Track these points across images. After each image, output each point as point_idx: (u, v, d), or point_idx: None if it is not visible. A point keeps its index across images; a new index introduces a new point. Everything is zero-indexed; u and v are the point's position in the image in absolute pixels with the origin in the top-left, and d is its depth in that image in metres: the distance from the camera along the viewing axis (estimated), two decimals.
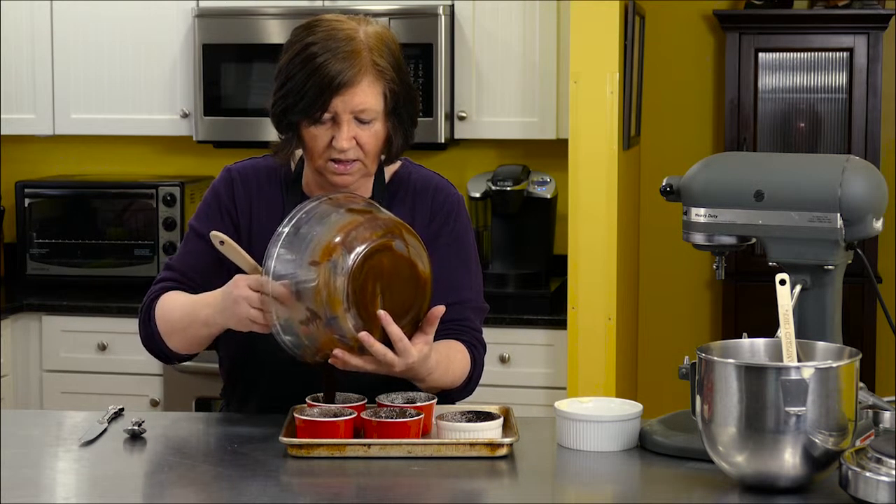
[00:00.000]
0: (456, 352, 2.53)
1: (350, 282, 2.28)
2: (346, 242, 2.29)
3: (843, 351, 2.12)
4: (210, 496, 2.11)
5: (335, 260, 2.28)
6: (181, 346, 2.55)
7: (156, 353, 2.59)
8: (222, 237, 2.40)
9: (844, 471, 1.96)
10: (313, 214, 2.34)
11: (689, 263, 5.06)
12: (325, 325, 2.28)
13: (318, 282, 2.27)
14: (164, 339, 2.55)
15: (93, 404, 4.16)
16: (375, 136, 2.47)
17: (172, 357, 2.58)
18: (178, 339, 2.54)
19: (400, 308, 2.34)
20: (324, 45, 2.43)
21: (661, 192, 2.38)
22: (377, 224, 2.33)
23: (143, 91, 4.73)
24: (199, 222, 2.61)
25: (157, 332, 2.55)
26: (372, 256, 2.30)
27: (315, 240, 2.30)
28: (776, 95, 4.85)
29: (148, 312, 2.56)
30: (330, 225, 2.31)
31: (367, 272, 2.29)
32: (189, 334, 2.51)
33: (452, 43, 4.51)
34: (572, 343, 4.13)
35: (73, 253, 4.74)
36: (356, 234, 2.30)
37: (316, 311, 2.28)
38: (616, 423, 2.30)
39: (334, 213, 2.33)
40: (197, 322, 2.48)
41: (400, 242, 2.34)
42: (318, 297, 2.27)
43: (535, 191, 4.55)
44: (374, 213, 2.36)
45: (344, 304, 2.28)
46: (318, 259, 2.27)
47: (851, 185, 2.25)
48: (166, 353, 2.58)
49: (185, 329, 2.51)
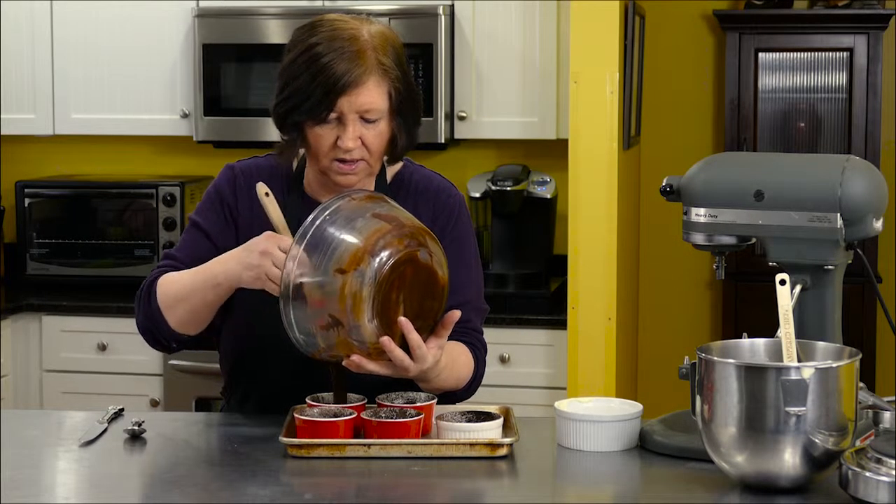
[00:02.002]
0: (460, 353, 2.54)
1: (376, 292, 2.27)
2: (374, 251, 2.27)
3: (843, 351, 2.12)
4: (210, 496, 2.10)
5: (362, 269, 2.26)
6: (182, 319, 2.49)
7: (152, 335, 2.54)
8: (267, 189, 2.38)
9: (844, 471, 1.96)
10: (338, 217, 2.31)
11: (689, 263, 5.06)
12: (346, 331, 2.28)
13: (344, 290, 2.26)
14: (163, 315, 2.49)
15: (93, 404, 4.16)
16: (380, 135, 2.47)
17: (170, 338, 2.52)
18: (179, 310, 2.48)
19: (418, 314, 2.34)
20: (328, 45, 2.42)
21: (661, 192, 2.38)
22: (403, 231, 2.32)
23: (143, 91, 4.72)
24: (200, 216, 2.60)
25: (157, 309, 2.49)
26: (398, 267, 2.29)
27: (342, 246, 2.28)
28: (776, 95, 4.85)
29: (148, 291, 2.52)
30: (357, 231, 2.29)
31: (392, 282, 2.29)
32: (192, 303, 2.46)
33: (452, 43, 4.51)
34: (572, 343, 4.13)
35: (73, 253, 4.74)
36: (384, 242, 2.28)
37: (338, 317, 2.27)
38: (616, 423, 2.30)
39: (360, 218, 2.31)
40: (205, 284, 2.42)
41: (424, 251, 2.34)
42: (342, 305, 2.26)
43: (535, 191, 4.55)
44: (399, 219, 2.34)
45: (368, 314, 2.27)
46: (344, 267, 2.26)
47: (851, 185, 2.25)
48: (163, 333, 2.51)
49: (189, 296, 2.46)
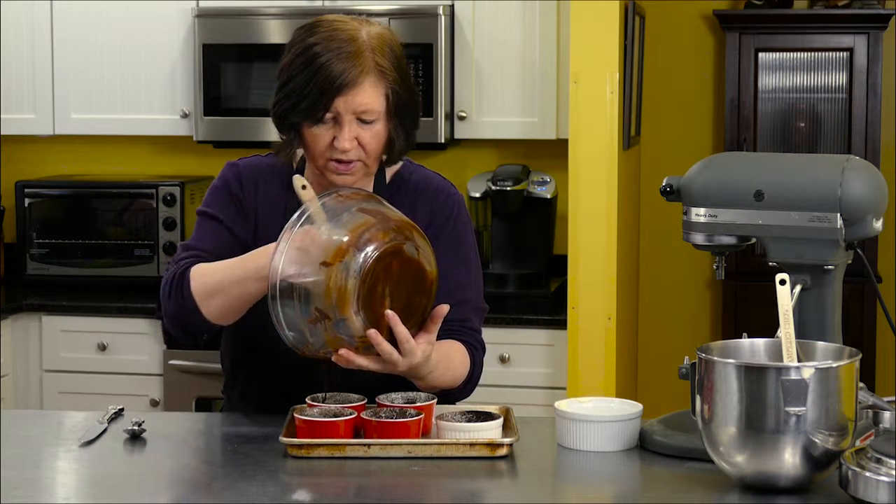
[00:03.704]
0: (455, 351, 2.53)
1: (361, 285, 2.27)
2: (359, 244, 2.27)
3: (843, 351, 2.12)
4: (210, 496, 2.10)
5: (347, 262, 2.26)
6: (219, 309, 2.44)
7: (183, 328, 2.48)
8: (305, 181, 2.34)
9: (844, 471, 1.96)
10: (325, 212, 2.32)
11: (689, 263, 5.06)
12: (333, 325, 2.28)
13: (329, 283, 2.26)
14: (198, 306, 2.44)
15: (93, 404, 4.15)
16: (377, 136, 2.47)
17: (203, 329, 2.47)
18: (218, 301, 2.43)
19: (406, 308, 2.34)
20: (326, 46, 2.42)
21: (661, 192, 2.38)
22: (388, 225, 2.32)
23: (143, 91, 4.72)
24: (212, 208, 2.57)
25: (192, 300, 2.44)
26: (383, 259, 2.29)
27: (326, 239, 2.28)
28: (776, 95, 4.85)
29: (180, 282, 2.46)
30: (342, 225, 2.30)
31: (377, 275, 2.29)
32: (234, 295, 2.41)
33: (452, 43, 4.51)
34: (572, 343, 4.13)
35: (73, 253, 4.74)
36: (368, 235, 2.28)
37: (325, 311, 2.27)
38: (616, 423, 2.30)
39: (345, 213, 2.32)
40: (247, 277, 2.38)
41: (410, 245, 2.33)
42: (327, 298, 2.26)
43: (535, 191, 4.55)
44: (384, 213, 2.35)
45: (354, 307, 2.27)
46: (329, 260, 2.26)
47: (851, 185, 2.25)
48: (198, 325, 2.46)
49: (228, 289, 2.41)
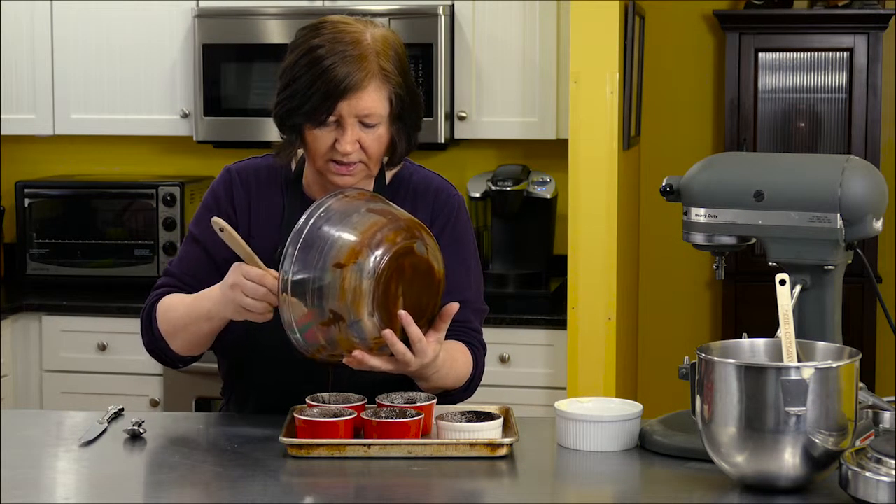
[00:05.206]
0: (459, 352, 2.53)
1: (376, 285, 2.27)
2: (372, 245, 2.28)
3: (843, 351, 2.12)
4: (210, 496, 2.10)
5: (360, 263, 2.26)
6: (184, 346, 2.54)
7: (160, 358, 2.60)
8: (223, 224, 2.35)
9: (844, 471, 1.96)
10: (332, 214, 2.32)
11: (689, 263, 5.06)
12: (347, 327, 2.28)
13: (344, 284, 2.26)
14: (167, 342, 2.54)
15: (93, 404, 4.16)
16: (379, 139, 2.47)
17: (177, 360, 2.59)
18: (181, 339, 2.53)
19: (417, 308, 2.34)
20: (330, 48, 2.41)
21: (661, 192, 2.38)
22: (399, 225, 2.32)
23: (143, 91, 4.72)
24: (197, 227, 2.61)
25: (160, 336, 2.54)
26: (396, 259, 2.29)
27: (339, 242, 2.28)
28: (776, 95, 4.85)
29: (149, 317, 2.56)
30: (352, 226, 2.30)
31: (390, 275, 2.29)
32: (191, 332, 2.51)
33: (452, 43, 4.51)
34: (572, 343, 4.13)
35: (73, 253, 4.74)
36: (381, 236, 2.29)
37: (339, 312, 2.27)
38: (616, 423, 2.30)
39: (355, 214, 2.32)
40: (199, 317, 2.47)
41: (420, 244, 2.34)
42: (342, 300, 2.26)
43: (535, 191, 4.55)
44: (393, 213, 2.35)
45: (369, 308, 2.27)
46: (343, 261, 2.26)
47: (851, 185, 2.25)
48: (171, 357, 2.58)
49: (187, 327, 2.50)
